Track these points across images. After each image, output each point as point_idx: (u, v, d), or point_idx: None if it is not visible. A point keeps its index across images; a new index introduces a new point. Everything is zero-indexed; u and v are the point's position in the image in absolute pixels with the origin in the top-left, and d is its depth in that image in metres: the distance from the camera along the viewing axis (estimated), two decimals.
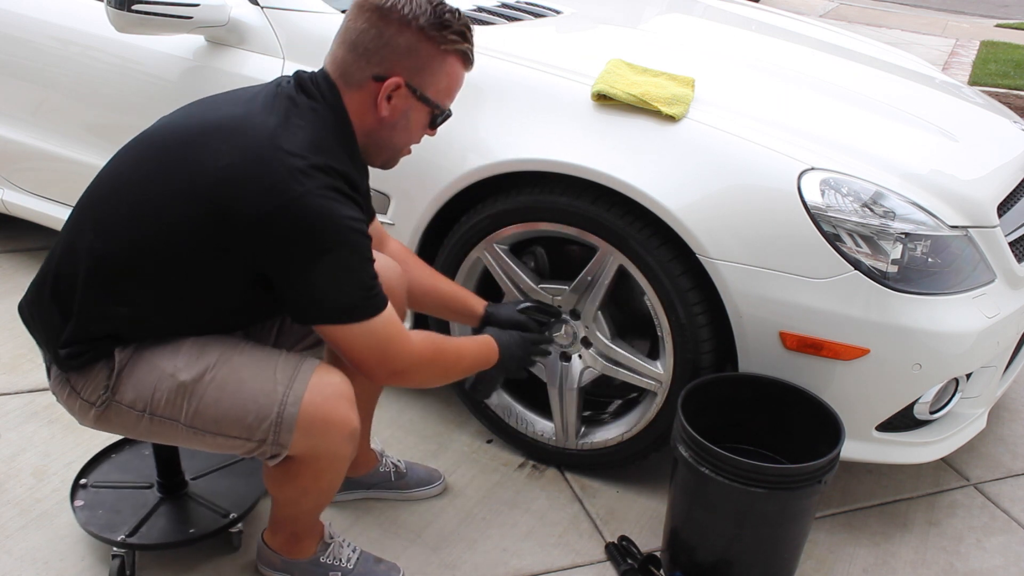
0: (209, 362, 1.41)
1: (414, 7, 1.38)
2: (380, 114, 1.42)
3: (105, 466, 1.88)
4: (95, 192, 1.43)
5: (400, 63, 1.40)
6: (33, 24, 2.48)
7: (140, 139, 1.44)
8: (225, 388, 1.41)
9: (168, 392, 1.40)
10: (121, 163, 1.43)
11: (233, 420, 1.41)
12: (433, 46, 1.41)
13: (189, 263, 1.36)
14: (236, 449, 1.45)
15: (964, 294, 1.77)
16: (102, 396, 1.42)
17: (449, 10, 1.42)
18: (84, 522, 1.73)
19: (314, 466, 1.49)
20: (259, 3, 2.19)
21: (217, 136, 1.34)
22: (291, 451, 1.44)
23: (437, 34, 1.40)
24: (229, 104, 1.41)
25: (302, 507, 1.61)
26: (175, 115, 1.44)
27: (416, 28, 1.38)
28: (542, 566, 1.85)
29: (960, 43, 7.91)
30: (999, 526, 2.06)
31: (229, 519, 1.78)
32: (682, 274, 1.78)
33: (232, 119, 1.36)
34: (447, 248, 2.02)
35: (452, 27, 1.41)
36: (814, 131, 1.86)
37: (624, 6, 2.80)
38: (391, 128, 1.45)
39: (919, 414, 1.87)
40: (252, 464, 1.92)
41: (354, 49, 1.40)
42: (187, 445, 1.47)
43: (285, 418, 1.40)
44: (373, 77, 1.40)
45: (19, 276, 2.85)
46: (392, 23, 1.38)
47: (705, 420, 1.73)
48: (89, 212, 1.41)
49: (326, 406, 1.42)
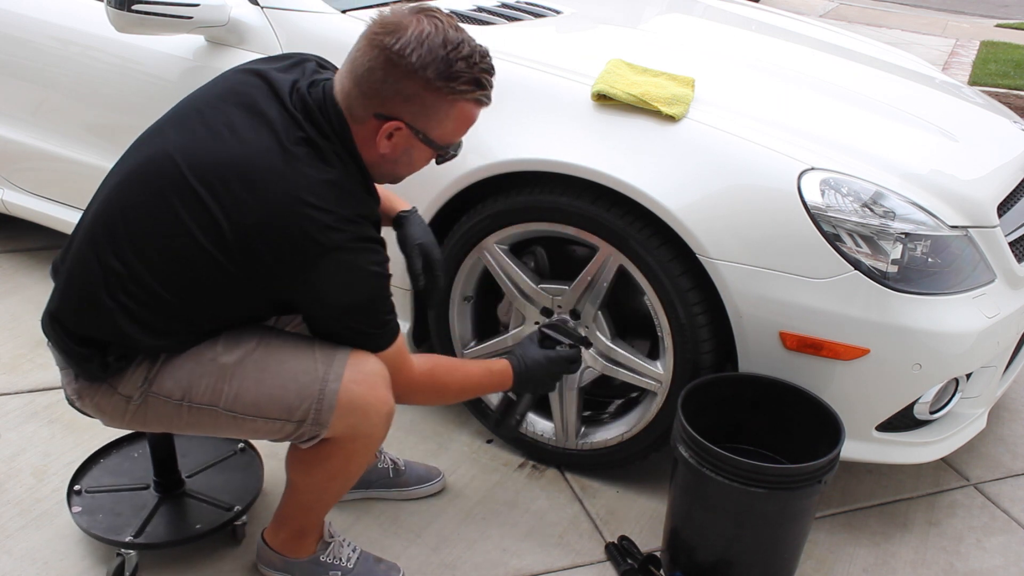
0: (249, 346, 1.44)
1: (424, 55, 1.31)
2: (379, 151, 1.41)
3: (96, 471, 1.88)
4: (105, 211, 1.40)
5: (403, 107, 1.36)
6: (33, 24, 2.48)
7: (146, 157, 1.40)
8: (267, 368, 1.43)
9: (209, 376, 1.42)
10: (130, 184, 1.40)
11: (274, 400, 1.42)
12: (441, 96, 1.35)
13: (214, 296, 1.39)
14: (273, 433, 1.46)
15: (964, 294, 1.77)
16: (140, 388, 1.42)
17: (464, 56, 1.33)
18: (87, 527, 1.73)
19: (349, 447, 1.50)
20: (259, 3, 2.19)
21: (238, 182, 1.32)
22: (329, 432, 1.45)
23: (445, 85, 1.33)
24: (238, 129, 1.36)
25: (325, 495, 1.62)
26: (180, 133, 1.40)
27: (423, 79, 1.32)
28: (542, 566, 1.85)
29: (960, 43, 7.91)
30: (999, 526, 2.06)
31: (233, 512, 1.79)
32: (682, 274, 1.78)
33: (250, 162, 1.33)
34: (447, 248, 2.01)
35: (463, 77, 1.34)
36: (814, 131, 1.86)
37: (624, 6, 2.80)
38: (393, 163, 1.45)
39: (919, 414, 1.87)
40: (247, 458, 1.94)
41: (358, 85, 1.35)
42: (222, 434, 1.49)
43: (327, 395, 1.42)
44: (375, 115, 1.37)
45: (19, 276, 2.85)
46: (398, 68, 1.32)
47: (705, 420, 1.73)
48: (104, 232, 1.39)
49: (366, 384, 1.44)
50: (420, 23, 1.32)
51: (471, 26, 2.20)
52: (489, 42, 2.07)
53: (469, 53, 1.34)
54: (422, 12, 1.35)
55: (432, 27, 1.32)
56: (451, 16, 1.37)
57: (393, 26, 1.33)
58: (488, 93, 1.40)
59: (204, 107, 1.42)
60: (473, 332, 2.15)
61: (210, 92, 1.46)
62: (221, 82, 1.47)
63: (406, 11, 1.35)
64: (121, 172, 1.43)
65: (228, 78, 1.48)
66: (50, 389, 2.31)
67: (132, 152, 1.46)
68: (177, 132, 1.40)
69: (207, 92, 1.46)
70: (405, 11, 1.35)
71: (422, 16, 1.34)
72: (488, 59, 1.39)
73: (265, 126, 1.36)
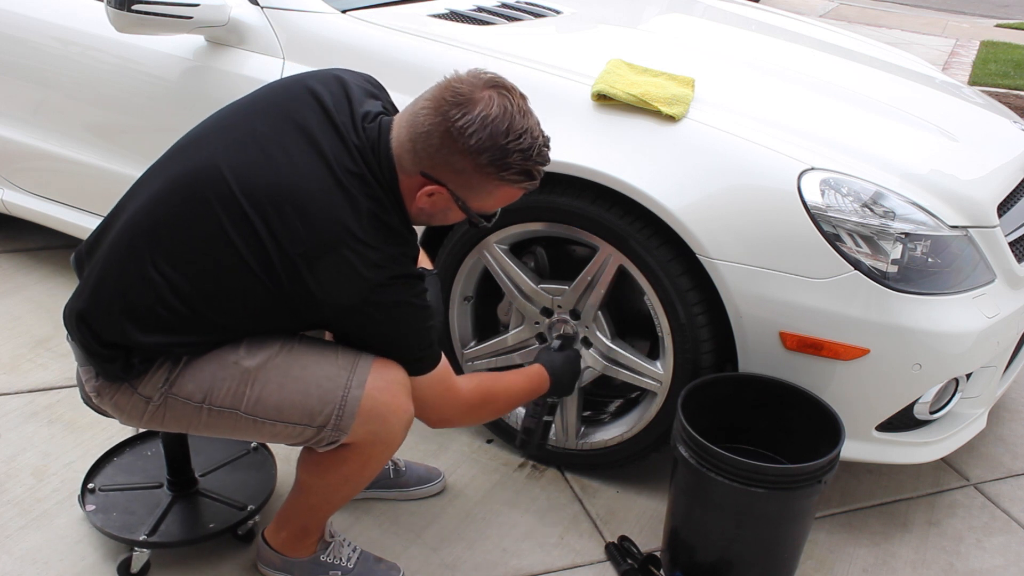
0: (272, 350, 1.44)
1: (483, 140, 1.32)
2: (419, 204, 1.43)
3: (109, 469, 1.88)
4: (147, 219, 1.39)
5: (450, 177, 1.38)
6: (33, 24, 2.48)
7: (193, 168, 1.39)
8: (289, 373, 1.43)
9: (231, 380, 1.42)
10: (174, 194, 1.38)
11: (296, 405, 1.43)
12: (488, 179, 1.37)
13: (252, 312, 1.40)
14: (293, 438, 1.47)
15: (964, 294, 1.77)
16: (161, 390, 1.42)
17: (523, 148, 1.34)
18: (101, 525, 1.73)
19: (366, 453, 1.50)
20: (259, 3, 2.19)
21: (289, 208, 1.33)
22: (349, 437, 1.46)
23: (496, 172, 1.36)
24: (292, 153, 1.36)
25: (335, 497, 1.62)
26: (230, 148, 1.39)
27: (475, 162, 1.34)
28: (542, 566, 1.85)
29: (960, 43, 7.91)
30: (999, 526, 2.06)
31: (247, 511, 1.79)
32: (682, 274, 1.78)
33: (302, 190, 1.34)
34: (447, 248, 2.02)
35: (515, 168, 1.36)
36: (814, 131, 1.86)
37: (624, 6, 2.80)
38: (428, 216, 1.47)
39: (919, 414, 1.87)
40: (260, 457, 1.94)
41: (413, 141, 1.37)
42: (240, 436, 1.49)
43: (349, 402, 1.43)
44: (422, 173, 1.39)
45: (19, 276, 2.85)
46: (455, 144, 1.33)
47: (705, 420, 1.73)
48: (145, 241, 1.38)
49: (388, 391, 1.45)
50: (490, 103, 1.33)
51: (471, 26, 2.20)
52: (489, 42, 2.10)
53: (528, 146, 1.35)
54: (496, 88, 1.35)
55: (500, 111, 1.33)
56: (523, 97, 1.37)
57: (464, 98, 1.33)
58: (536, 183, 1.41)
59: (257, 123, 1.41)
60: (473, 332, 2.16)
61: (261, 107, 1.45)
62: (272, 97, 1.46)
63: (482, 82, 1.34)
64: (163, 179, 1.41)
65: (280, 95, 1.46)
66: (50, 389, 2.31)
67: (173, 159, 1.44)
68: (227, 147, 1.39)
69: (258, 106, 1.45)
70: (481, 82, 1.34)
71: (494, 94, 1.34)
72: (546, 150, 1.40)
73: (319, 154, 1.37)
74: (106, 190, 2.49)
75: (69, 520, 1.85)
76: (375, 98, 1.51)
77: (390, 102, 1.56)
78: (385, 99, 1.55)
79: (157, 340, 1.38)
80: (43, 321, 2.60)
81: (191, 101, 2.22)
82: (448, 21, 2.23)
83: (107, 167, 2.48)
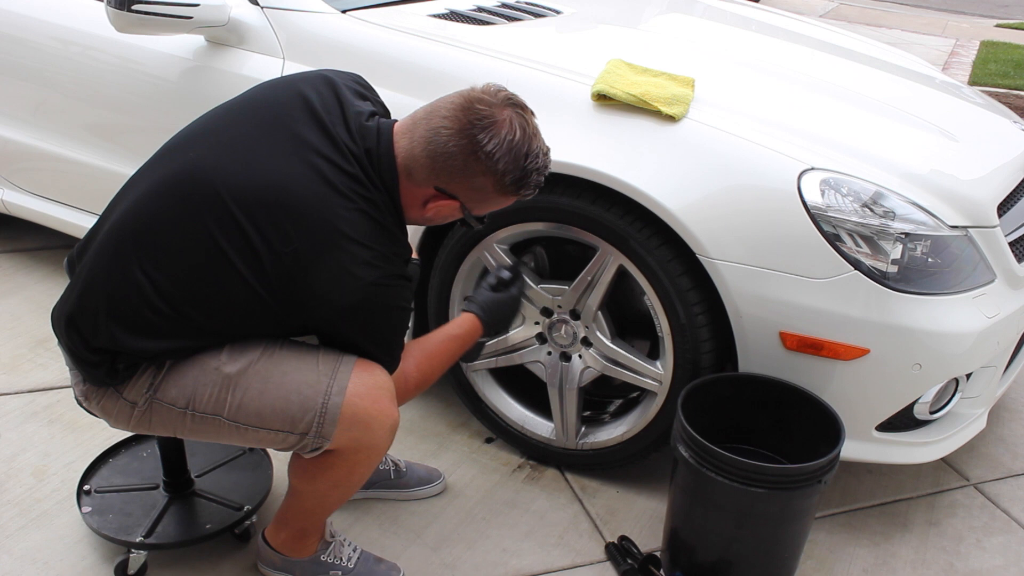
0: (253, 356, 1.44)
1: (508, 164, 1.38)
2: (425, 213, 1.46)
3: (105, 471, 1.88)
4: (133, 222, 1.38)
5: (466, 193, 1.43)
6: (33, 24, 2.48)
7: (178, 170, 1.39)
8: (269, 379, 1.42)
9: (212, 386, 1.41)
10: (160, 197, 1.38)
11: (277, 412, 1.42)
12: (505, 195, 1.45)
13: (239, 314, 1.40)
14: (277, 444, 1.46)
15: (964, 294, 1.77)
16: (145, 395, 1.42)
17: (538, 168, 1.43)
18: (97, 527, 1.73)
19: (352, 459, 1.50)
20: (259, 3, 2.19)
21: (278, 209, 1.34)
22: (332, 444, 1.45)
23: (515, 191, 1.43)
24: (279, 155, 1.37)
25: (327, 501, 1.62)
26: (216, 150, 1.39)
27: (499, 183, 1.41)
28: (542, 566, 1.85)
29: (960, 43, 7.91)
30: (999, 526, 2.06)
31: (244, 512, 1.79)
32: (682, 274, 1.78)
33: (290, 191, 1.34)
34: (447, 248, 2.02)
35: (530, 184, 1.43)
36: (814, 131, 1.86)
37: (624, 6, 2.80)
38: (428, 221, 1.50)
39: (919, 414, 1.87)
40: (256, 457, 1.94)
41: (432, 160, 1.39)
42: (226, 441, 1.48)
43: (329, 409, 1.42)
44: (436, 187, 1.42)
45: (19, 276, 2.85)
46: (481, 166, 1.38)
47: (705, 420, 1.73)
48: (132, 245, 1.37)
49: (369, 397, 1.44)
50: (511, 126, 1.38)
51: (471, 26, 2.20)
52: (489, 42, 2.10)
53: (541, 165, 1.44)
54: (512, 108, 1.40)
55: (520, 133, 1.39)
56: (532, 113, 1.44)
57: (488, 121, 1.37)
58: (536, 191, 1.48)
59: (244, 126, 1.41)
60: None
61: (249, 109, 1.44)
62: (260, 99, 1.46)
63: (500, 101, 1.39)
64: (149, 181, 1.41)
65: (268, 97, 1.46)
66: (50, 389, 2.31)
67: (160, 161, 1.44)
68: (213, 149, 1.39)
69: (246, 108, 1.45)
70: (499, 101, 1.39)
71: (513, 115, 1.39)
72: (549, 164, 1.47)
73: (308, 155, 1.37)
74: (106, 190, 2.47)
75: (69, 520, 1.85)
76: (364, 98, 1.51)
77: (379, 102, 1.56)
78: (374, 99, 1.55)
79: (144, 344, 1.38)
80: (43, 321, 2.60)
81: (191, 101, 2.22)
82: (448, 21, 2.23)
83: (107, 167, 2.48)
